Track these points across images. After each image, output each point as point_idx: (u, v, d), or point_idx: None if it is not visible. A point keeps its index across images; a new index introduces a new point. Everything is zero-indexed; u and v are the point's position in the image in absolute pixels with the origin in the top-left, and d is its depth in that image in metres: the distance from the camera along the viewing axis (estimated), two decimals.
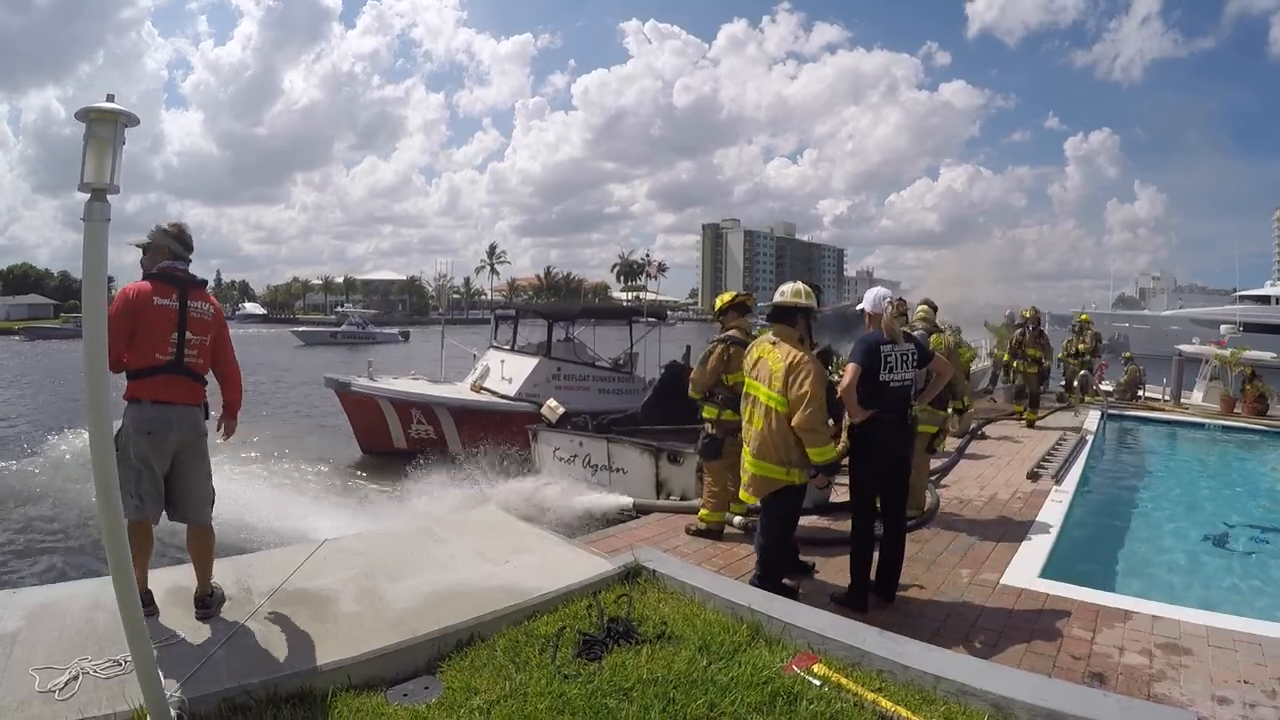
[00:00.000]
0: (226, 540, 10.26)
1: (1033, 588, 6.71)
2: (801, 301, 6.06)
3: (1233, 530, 9.76)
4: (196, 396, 4.93)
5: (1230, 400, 18.81)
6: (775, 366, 5.82)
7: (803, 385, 5.70)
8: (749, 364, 6.14)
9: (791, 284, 6.21)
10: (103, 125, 3.24)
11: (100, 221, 3.25)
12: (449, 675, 4.33)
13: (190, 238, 5.11)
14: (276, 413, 28.83)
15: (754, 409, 6.00)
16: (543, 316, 21.62)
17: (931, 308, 10.06)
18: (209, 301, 5.06)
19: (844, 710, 3.90)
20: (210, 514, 5.04)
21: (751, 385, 6.05)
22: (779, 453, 5.81)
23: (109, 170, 3.26)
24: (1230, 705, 4.75)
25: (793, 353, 5.86)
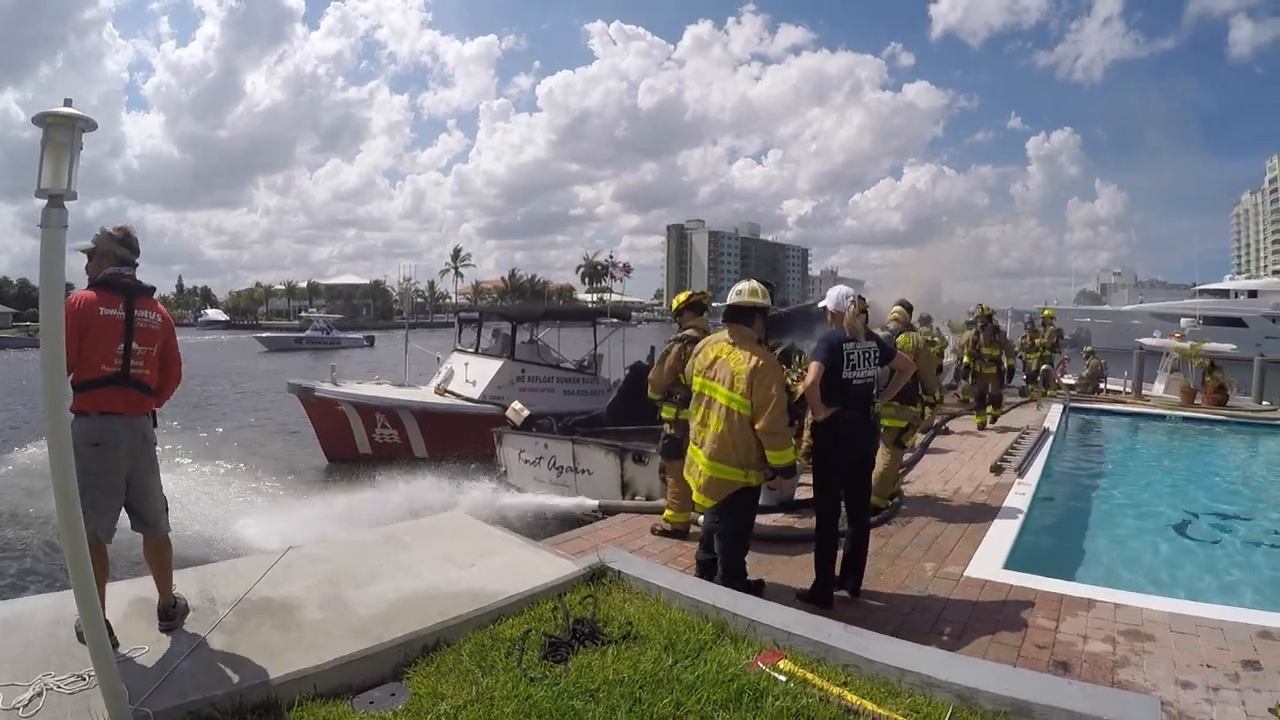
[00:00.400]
0: (190, 551, 10.22)
1: (997, 579, 6.77)
2: (758, 301, 5.93)
3: (1194, 518, 9.87)
4: (144, 407, 4.81)
5: (1191, 391, 19.07)
6: (738, 368, 5.68)
7: (769, 388, 5.61)
8: (702, 364, 6.00)
9: (746, 283, 6.08)
10: (60, 130, 3.21)
11: (58, 228, 3.22)
12: (415, 681, 4.30)
13: (136, 241, 4.93)
14: (241, 420, 28.68)
15: (709, 410, 5.86)
16: (506, 318, 21.72)
17: (906, 308, 10.14)
18: (156, 310, 4.91)
19: (810, 705, 3.91)
20: (167, 524, 4.93)
21: (708, 386, 5.90)
22: (738, 455, 5.71)
23: (66, 176, 3.24)
24: (1194, 689, 4.82)
25: (755, 355, 5.74)
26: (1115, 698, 4.04)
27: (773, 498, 8.64)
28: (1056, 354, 22.48)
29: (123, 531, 4.78)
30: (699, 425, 5.96)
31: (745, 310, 5.90)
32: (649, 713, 3.85)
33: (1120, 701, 3.93)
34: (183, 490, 15.25)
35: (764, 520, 8.23)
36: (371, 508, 12.83)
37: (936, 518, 8.71)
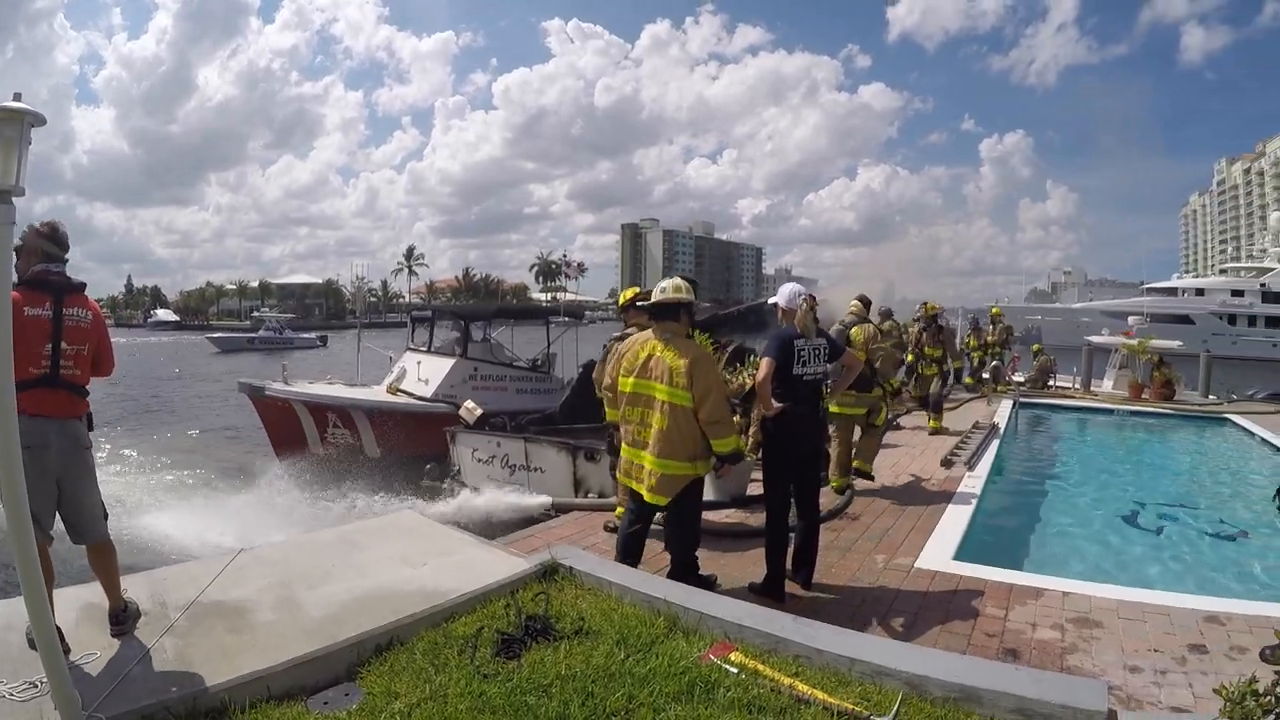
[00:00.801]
0: (141, 555, 10.16)
1: (947, 570, 6.87)
2: (684, 297, 6.00)
3: (1142, 509, 10.00)
4: (76, 409, 4.69)
5: (1138, 386, 19.33)
6: (675, 363, 5.76)
7: (708, 378, 5.77)
8: (633, 364, 6.02)
9: (670, 280, 6.13)
10: (8, 125, 3.16)
11: (4, 225, 3.18)
12: (369, 680, 4.29)
13: (65, 237, 4.77)
14: (192, 422, 28.45)
15: (648, 410, 5.95)
16: (459, 317, 21.66)
17: (864, 303, 10.47)
18: (87, 307, 4.74)
19: (761, 696, 3.94)
20: (106, 528, 4.83)
21: (645, 385, 5.94)
22: (685, 448, 5.79)
23: (14, 172, 3.19)
24: (1141, 673, 4.94)
25: (689, 348, 5.87)
26: (1063, 683, 4.09)
27: (725, 494, 8.70)
28: (1007, 351, 22.73)
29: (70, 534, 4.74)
30: (638, 426, 5.99)
31: (672, 307, 5.98)
32: (601, 706, 3.86)
33: (1068, 686, 3.98)
34: (133, 494, 15.17)
35: (716, 516, 8.31)
36: (325, 508, 12.81)
37: (888, 511, 8.81)
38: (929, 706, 3.93)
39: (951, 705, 3.93)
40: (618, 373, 6.17)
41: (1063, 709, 3.73)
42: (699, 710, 3.83)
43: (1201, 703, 4.48)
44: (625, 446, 6.15)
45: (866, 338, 9.85)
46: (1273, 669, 3.08)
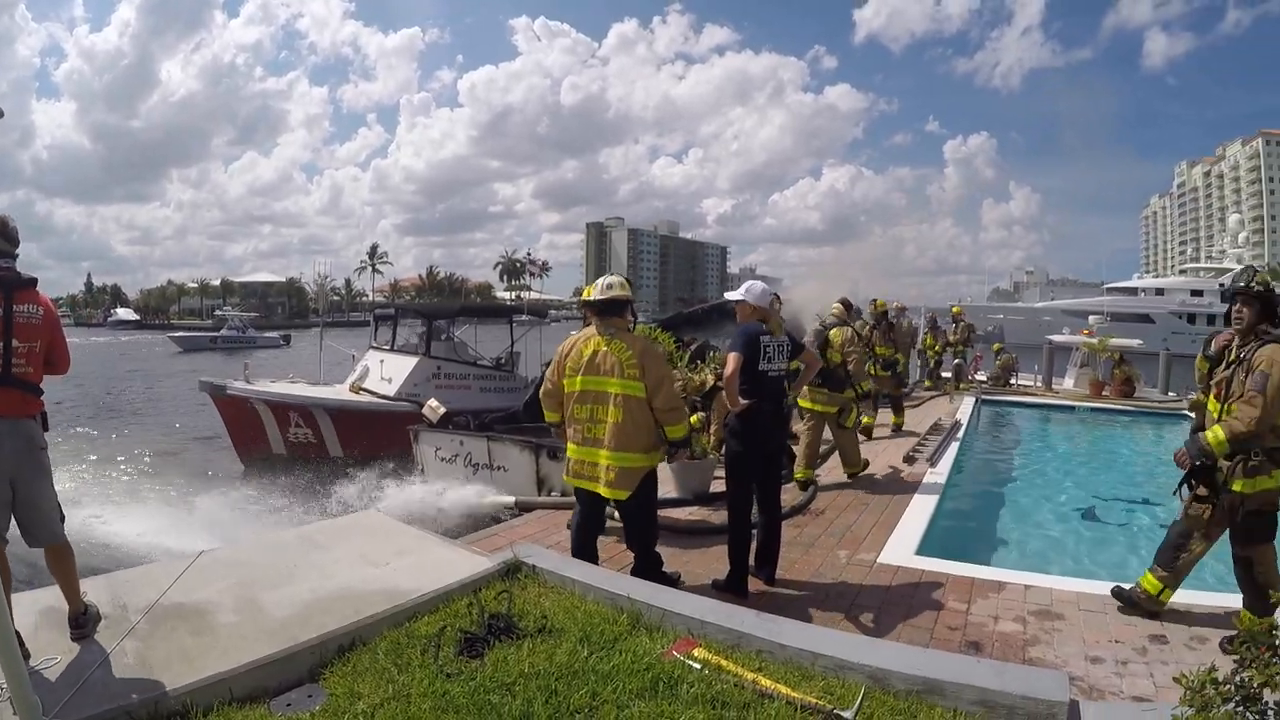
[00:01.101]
0: (101, 557, 10.07)
1: (909, 565, 6.90)
2: (629, 294, 6.11)
3: (1103, 503, 10.10)
4: (29, 408, 4.55)
5: (1099, 384, 19.56)
6: (623, 355, 5.86)
7: (659, 367, 5.93)
8: (578, 362, 6.03)
9: (613, 277, 6.21)
10: None
11: None
12: (332, 681, 4.27)
13: (15, 231, 4.61)
14: (154, 422, 28.26)
15: (599, 405, 5.97)
16: (422, 315, 21.60)
17: (845, 305, 10.73)
18: (39, 303, 4.57)
19: (724, 691, 3.95)
20: (62, 530, 4.71)
21: (594, 382, 5.95)
22: (641, 440, 5.86)
23: None
24: (1103, 664, 5.00)
25: (637, 339, 5.98)
26: (1024, 674, 4.11)
27: (687, 491, 8.73)
28: (969, 349, 22.87)
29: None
30: (589, 423, 5.99)
31: (620, 303, 6.06)
32: (565, 704, 3.86)
33: (1029, 677, 4.01)
34: (92, 495, 15.03)
35: (678, 513, 8.32)
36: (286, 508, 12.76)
37: (851, 507, 8.83)
38: (892, 699, 3.95)
39: (914, 698, 3.95)
40: (561, 374, 6.17)
41: (1024, 700, 3.75)
42: (663, 707, 3.83)
43: (1163, 692, 4.52)
44: (575, 446, 6.12)
45: (844, 340, 10.04)
46: (1232, 658, 3.11)
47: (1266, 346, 5.19)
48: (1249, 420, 5.06)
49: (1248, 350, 5.28)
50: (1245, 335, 5.39)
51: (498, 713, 3.80)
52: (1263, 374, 5.05)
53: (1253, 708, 2.92)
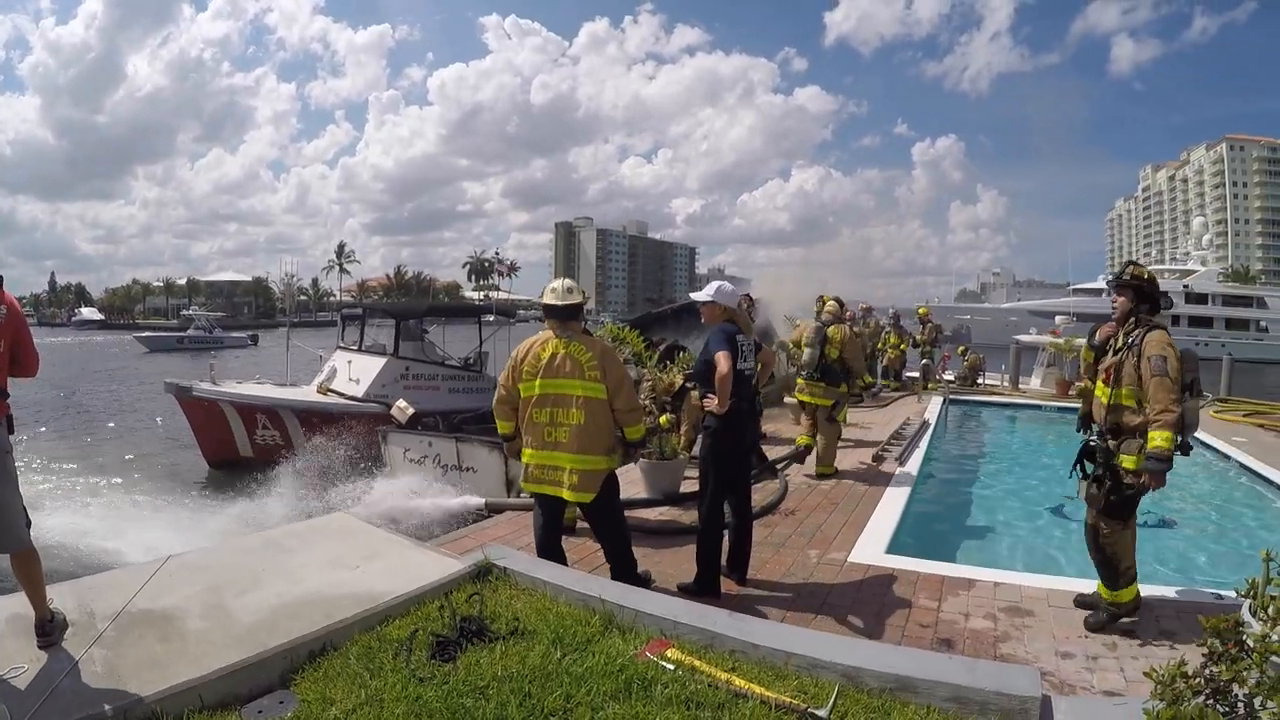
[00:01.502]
0: (66, 563, 9.97)
1: (880, 563, 6.95)
2: (582, 299, 6.17)
3: (1070, 500, 10.15)
4: None
5: (1065, 383, 19.74)
6: (583, 357, 5.88)
7: (618, 369, 5.97)
8: (535, 366, 5.97)
9: (564, 281, 6.18)
10: None
11: None
12: (303, 687, 4.23)
13: None
14: (120, 424, 28.04)
15: (558, 408, 5.92)
16: (390, 315, 21.52)
17: (839, 304, 11.18)
18: (2, 301, 4.46)
19: (698, 691, 3.95)
20: (29, 535, 4.61)
21: (553, 385, 5.92)
22: (602, 442, 5.91)
23: None
24: (1073, 659, 5.06)
25: (594, 342, 6.02)
26: (996, 670, 4.14)
27: (658, 491, 8.74)
28: (937, 349, 23.03)
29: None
30: (548, 426, 5.95)
31: (578, 308, 6.10)
32: (539, 706, 3.85)
33: (1001, 673, 4.04)
34: (57, 500, 14.89)
35: (649, 514, 8.33)
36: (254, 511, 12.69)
37: (820, 506, 8.86)
38: (866, 697, 3.97)
39: (888, 695, 3.97)
40: (517, 379, 6.08)
41: (997, 695, 3.78)
42: (637, 708, 3.83)
43: (1133, 686, 4.59)
44: (533, 451, 6.04)
45: (844, 336, 10.45)
46: (1201, 651, 3.14)
47: (1153, 332, 5.50)
48: (1169, 403, 5.27)
49: (1134, 336, 5.58)
50: (1123, 322, 5.70)
51: (472, 716, 3.79)
52: (1160, 357, 5.33)
53: (1223, 700, 2.95)
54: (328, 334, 39.61)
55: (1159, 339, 5.45)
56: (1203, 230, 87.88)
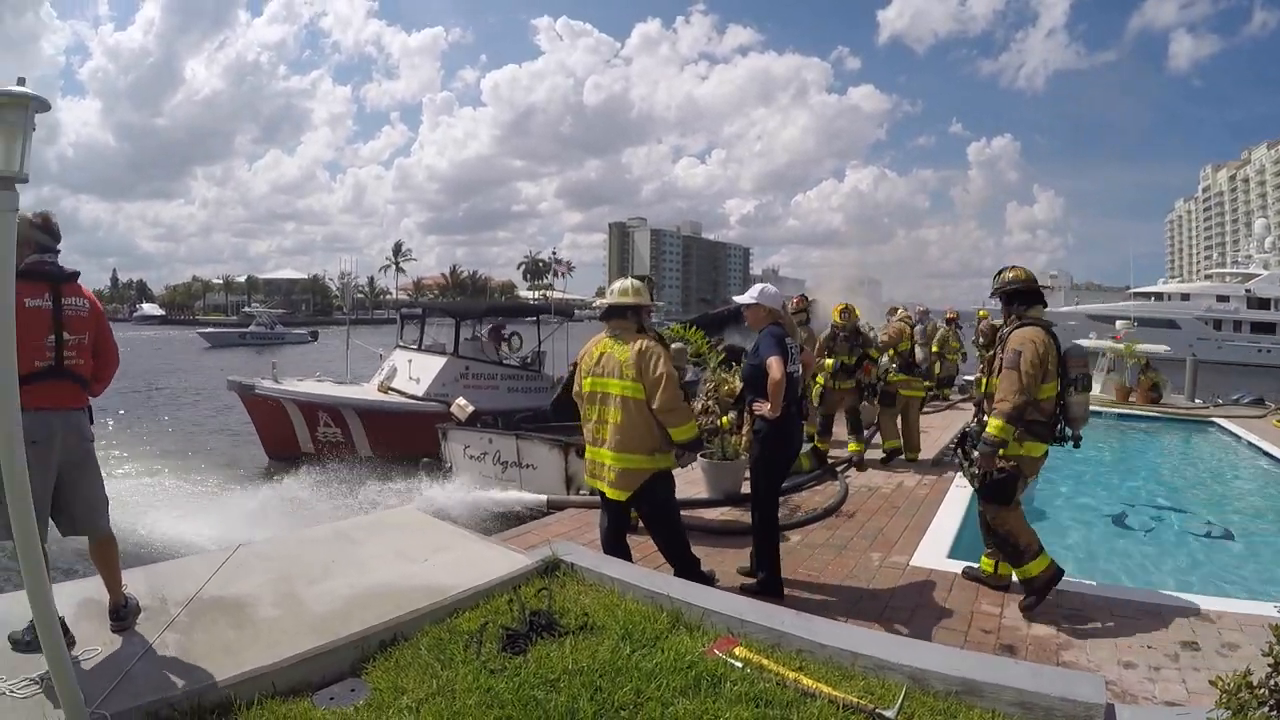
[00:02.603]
0: (138, 551, 10.14)
1: (941, 568, 6.93)
2: (630, 300, 6.09)
3: (1131, 509, 10.08)
4: (80, 400, 4.66)
5: (1125, 390, 19.34)
6: (623, 356, 5.88)
7: (657, 367, 5.79)
8: (589, 364, 6.14)
9: (627, 281, 6.23)
10: (12, 110, 3.12)
11: (8, 211, 3.15)
12: (374, 676, 4.29)
13: (57, 227, 4.70)
14: (185, 418, 28.46)
15: (605, 407, 6.01)
16: (450, 315, 21.52)
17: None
18: (84, 295, 4.70)
19: (767, 689, 3.97)
20: (108, 522, 4.80)
21: (599, 383, 6.04)
22: (643, 441, 5.88)
23: (19, 157, 3.17)
24: (1136, 669, 5.00)
25: (637, 340, 5.93)
26: (1061, 676, 4.14)
27: (719, 491, 8.75)
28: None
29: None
30: (596, 424, 6.07)
31: (620, 309, 6.06)
32: (610, 701, 3.89)
33: (1066, 680, 4.03)
34: (127, 490, 15.12)
35: (710, 514, 8.35)
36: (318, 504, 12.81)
37: (882, 509, 8.84)
38: (931, 700, 3.97)
39: (953, 699, 3.97)
40: (580, 376, 6.27)
41: (1062, 702, 3.77)
42: (707, 704, 3.86)
43: (1195, 697, 4.53)
44: (588, 447, 6.25)
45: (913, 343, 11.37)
46: (1267, 661, 3.15)
47: (1021, 329, 6.12)
48: (1005, 393, 5.90)
49: (1006, 331, 6.25)
50: (1006, 323, 6.41)
51: (543, 709, 3.83)
52: (1015, 351, 5.94)
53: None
54: (384, 331, 39.91)
55: (1019, 335, 6.05)
56: (1265, 232, 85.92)
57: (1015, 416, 5.88)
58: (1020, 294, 6.34)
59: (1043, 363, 5.94)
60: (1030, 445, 6.13)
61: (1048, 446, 6.27)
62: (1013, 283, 6.38)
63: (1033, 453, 6.17)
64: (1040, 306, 6.37)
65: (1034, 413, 6.01)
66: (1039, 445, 6.19)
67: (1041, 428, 6.11)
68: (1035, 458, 6.22)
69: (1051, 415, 6.18)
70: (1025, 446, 6.09)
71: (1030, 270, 6.51)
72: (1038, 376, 5.91)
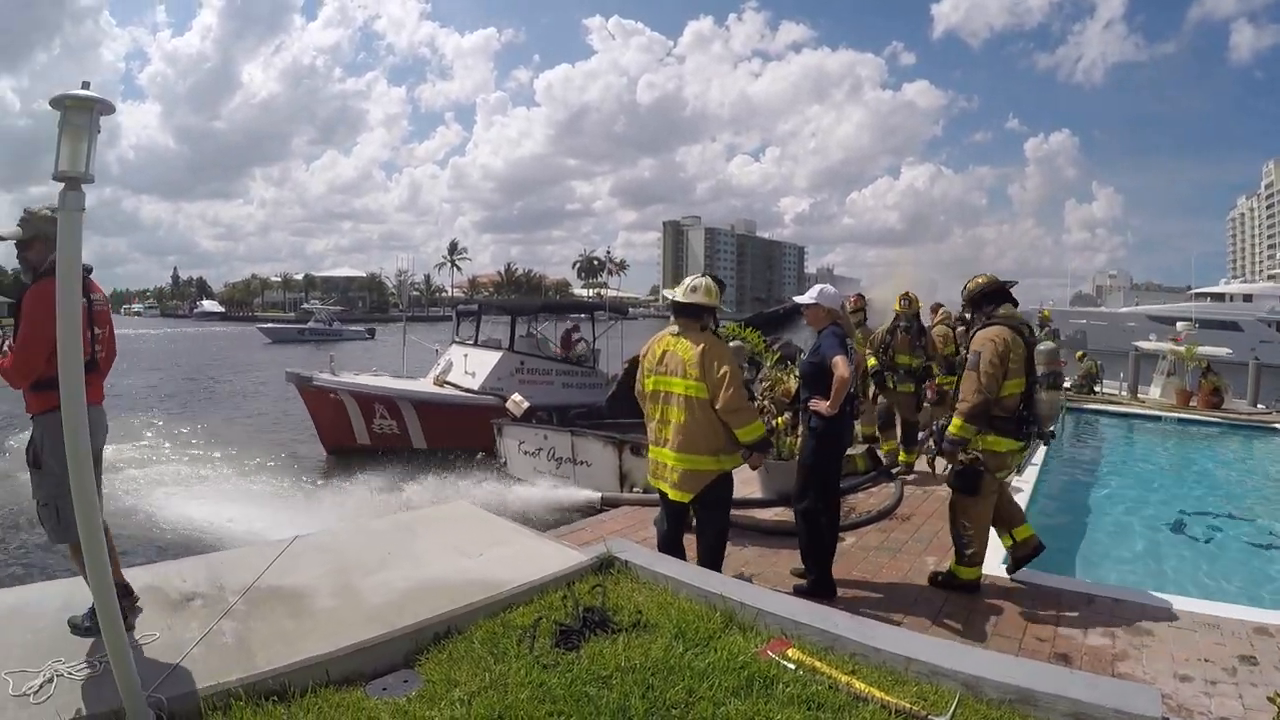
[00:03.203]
0: (196, 539, 10.30)
1: (996, 574, 6.86)
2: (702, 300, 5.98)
3: (1189, 518, 9.94)
4: (102, 394, 4.70)
5: (1186, 394, 19.05)
6: (687, 355, 5.81)
7: (721, 367, 5.72)
8: (652, 362, 6.09)
9: (701, 279, 6.10)
10: (78, 113, 3.20)
11: (75, 211, 3.22)
12: (428, 668, 4.32)
13: None
14: (245, 409, 28.97)
15: (667, 405, 5.95)
16: (506, 311, 21.63)
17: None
18: (99, 290, 4.73)
19: (819, 692, 3.95)
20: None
21: (662, 382, 5.99)
22: (707, 442, 5.81)
23: (84, 158, 3.23)
24: (1192, 682, 4.92)
25: (702, 338, 5.88)
26: (1117, 688, 4.09)
27: (773, 491, 8.73)
28: None
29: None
30: (659, 424, 6.02)
31: (694, 308, 6.00)
32: (661, 699, 3.89)
33: (1122, 691, 3.98)
34: (185, 478, 15.38)
35: (764, 514, 8.34)
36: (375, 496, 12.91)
37: (937, 513, 8.71)
38: (985, 708, 3.94)
39: (1007, 707, 3.93)
40: (642, 373, 6.22)
41: (1117, 714, 3.72)
42: (759, 705, 3.85)
43: (1251, 713, 4.49)
44: (651, 446, 6.18)
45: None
46: None
47: (985, 329, 6.46)
48: (966, 394, 6.29)
49: (973, 332, 6.66)
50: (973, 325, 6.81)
51: (595, 705, 3.84)
52: (975, 353, 6.31)
53: None
54: (439, 328, 40.24)
55: (981, 335, 6.42)
56: None
57: (973, 416, 6.25)
58: (986, 296, 6.73)
59: (1003, 361, 6.21)
60: (993, 440, 6.36)
61: (1019, 443, 6.49)
62: (976, 289, 6.80)
63: (996, 447, 6.38)
64: (1010, 305, 6.68)
65: (997, 409, 6.30)
66: (1003, 440, 6.38)
67: (1005, 423, 6.36)
68: (1000, 452, 6.41)
69: (1014, 411, 6.37)
70: (988, 441, 6.35)
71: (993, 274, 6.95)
72: (998, 375, 6.19)
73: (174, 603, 4.88)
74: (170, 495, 13.93)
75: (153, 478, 15.58)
